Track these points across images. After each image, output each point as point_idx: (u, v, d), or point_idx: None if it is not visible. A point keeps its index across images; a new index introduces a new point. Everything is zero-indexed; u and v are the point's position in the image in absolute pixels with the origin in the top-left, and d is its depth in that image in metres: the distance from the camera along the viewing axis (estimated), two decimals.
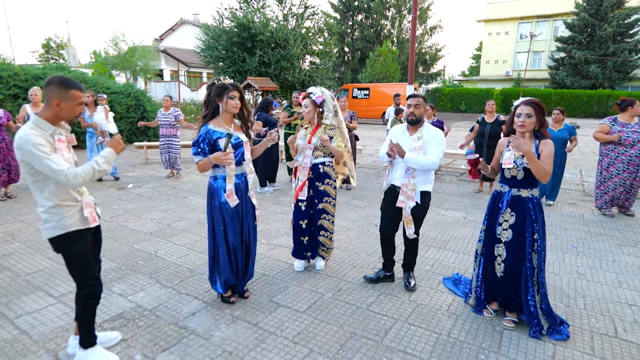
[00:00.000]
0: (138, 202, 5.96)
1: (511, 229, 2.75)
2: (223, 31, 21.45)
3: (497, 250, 2.83)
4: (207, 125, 2.79)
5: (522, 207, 2.71)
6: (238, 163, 2.87)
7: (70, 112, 2.11)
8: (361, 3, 35.72)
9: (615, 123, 5.26)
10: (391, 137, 3.27)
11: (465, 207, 5.84)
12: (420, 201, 3.12)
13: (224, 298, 3.06)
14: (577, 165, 9.38)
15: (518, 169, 2.67)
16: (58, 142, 2.08)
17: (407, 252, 3.37)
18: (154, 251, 4.08)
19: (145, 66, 22.44)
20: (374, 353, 2.49)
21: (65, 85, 2.05)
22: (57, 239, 2.15)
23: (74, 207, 2.17)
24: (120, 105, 11.62)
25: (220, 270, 2.95)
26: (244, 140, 2.88)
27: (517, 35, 36.37)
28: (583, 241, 4.47)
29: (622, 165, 5.20)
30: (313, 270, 3.67)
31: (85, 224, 2.21)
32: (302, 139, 3.45)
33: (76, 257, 2.20)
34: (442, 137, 3.11)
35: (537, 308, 2.67)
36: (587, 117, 26.22)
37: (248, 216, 2.98)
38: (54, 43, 32.58)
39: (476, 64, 48.88)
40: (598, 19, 28.10)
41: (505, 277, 2.81)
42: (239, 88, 2.79)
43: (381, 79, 26.88)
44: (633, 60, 27.75)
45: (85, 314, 2.28)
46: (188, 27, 33.08)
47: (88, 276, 2.25)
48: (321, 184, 3.45)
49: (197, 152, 2.79)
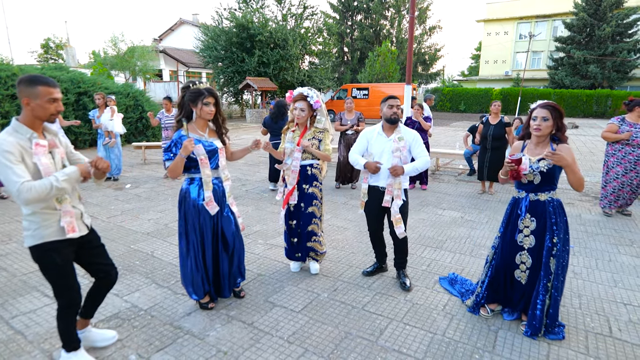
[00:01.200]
0: (135, 202, 5.96)
1: (533, 235, 2.67)
2: (222, 31, 21.46)
3: (521, 257, 2.74)
4: (181, 131, 2.71)
5: (542, 212, 2.63)
6: (212, 169, 2.78)
7: (42, 110, 1.98)
8: (360, 3, 35.72)
9: (624, 123, 5.22)
10: (365, 140, 3.29)
11: (462, 207, 5.84)
12: (405, 198, 3.19)
13: (202, 304, 2.96)
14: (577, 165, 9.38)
15: (534, 174, 2.60)
16: (35, 147, 1.97)
17: (397, 251, 3.38)
18: (151, 251, 4.08)
19: (145, 66, 22.44)
20: (369, 353, 2.49)
21: (32, 82, 1.95)
22: (34, 249, 2.05)
23: (52, 216, 2.05)
24: (119, 105, 11.60)
25: (190, 277, 2.85)
26: (218, 146, 2.80)
27: (516, 35, 36.38)
28: (580, 241, 4.48)
29: (630, 165, 5.17)
30: (309, 271, 3.67)
31: (64, 235, 2.08)
32: (290, 142, 3.34)
33: (52, 268, 2.09)
34: (420, 137, 3.24)
35: (543, 312, 2.61)
36: (586, 116, 26.24)
37: (228, 224, 2.87)
38: (53, 43, 32.58)
39: (475, 63, 48.90)
40: (597, 18, 28.12)
41: (528, 283, 2.72)
42: (214, 94, 2.70)
43: (380, 79, 26.89)
44: (632, 60, 27.76)
45: (63, 323, 2.21)
46: (187, 27, 33.09)
47: (66, 287, 2.15)
48: (309, 187, 3.38)
49: (170, 158, 2.70)
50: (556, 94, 27.18)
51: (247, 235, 4.57)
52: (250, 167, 8.93)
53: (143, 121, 12.49)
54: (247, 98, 25.54)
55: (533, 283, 2.70)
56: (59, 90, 2.04)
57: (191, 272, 2.84)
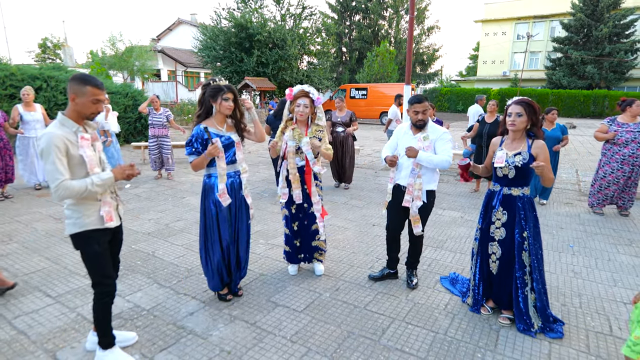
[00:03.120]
0: (135, 202, 5.95)
1: (504, 227, 2.78)
2: (221, 31, 21.45)
3: (492, 248, 2.86)
4: (200, 125, 2.83)
5: (513, 206, 2.74)
6: (230, 162, 2.91)
7: (86, 108, 2.13)
8: (359, 3, 35.76)
9: (613, 123, 5.32)
10: (396, 137, 3.29)
11: (462, 206, 5.87)
12: (426, 200, 3.16)
13: (221, 296, 3.10)
14: (574, 165, 9.43)
15: (510, 168, 2.70)
16: (81, 140, 2.12)
17: (411, 250, 3.39)
18: (152, 251, 4.08)
19: (143, 66, 22.38)
20: (372, 352, 2.51)
21: (83, 81, 2.10)
22: (76, 236, 2.19)
23: (94, 206, 2.20)
24: (118, 105, 11.57)
25: (213, 269, 2.96)
26: (235, 140, 2.92)
27: (514, 35, 36.49)
28: (579, 240, 4.50)
29: (617, 164, 5.28)
30: (311, 270, 3.67)
31: (103, 224, 2.23)
32: (292, 140, 3.26)
33: (92, 255, 2.23)
34: (450, 136, 3.14)
35: (527, 305, 2.69)
36: (583, 117, 26.34)
37: (242, 215, 3.01)
38: (51, 43, 32.48)
39: (473, 64, 49.00)
40: (594, 19, 28.24)
41: (500, 274, 2.84)
42: (233, 90, 2.82)
43: (379, 79, 26.91)
44: (629, 61, 27.90)
45: (100, 312, 2.30)
46: (185, 27, 33.03)
47: (103, 275, 2.27)
48: (314, 185, 3.38)
49: (192, 152, 2.82)
50: (554, 94, 27.28)
51: None
52: (250, 167, 8.94)
53: (142, 121, 12.45)
54: (245, 97, 25.51)
55: (505, 276, 2.81)
56: (104, 93, 2.20)
57: (213, 263, 2.94)
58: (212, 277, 3.00)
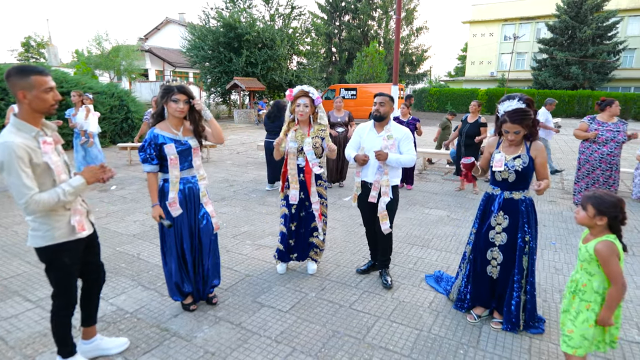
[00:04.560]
0: (121, 204, 5.88)
1: (505, 232, 2.70)
2: (209, 31, 21.29)
3: (492, 254, 2.78)
4: (154, 129, 2.66)
5: (515, 210, 2.66)
6: (187, 168, 2.74)
7: (41, 101, 1.88)
8: (348, 4, 35.83)
9: (593, 122, 5.44)
10: (359, 136, 3.34)
11: (448, 205, 5.93)
12: (392, 195, 3.22)
13: (184, 305, 2.94)
14: (558, 163, 9.59)
15: (510, 172, 2.61)
16: (44, 145, 1.91)
17: (380, 247, 3.42)
18: (137, 253, 4.03)
19: (130, 66, 22.11)
20: (356, 350, 2.52)
21: (23, 72, 1.84)
22: (43, 250, 2.01)
23: (63, 217, 2.02)
24: (104, 105, 11.43)
25: (169, 276, 2.85)
26: (193, 145, 2.74)
27: (501, 36, 37.01)
28: (561, 237, 4.59)
29: (596, 162, 5.40)
30: (298, 270, 3.68)
31: (75, 234, 2.06)
32: (294, 141, 3.25)
33: (60, 269, 2.08)
34: (411, 135, 3.28)
35: (518, 309, 2.66)
36: (568, 116, 26.80)
37: (203, 224, 2.83)
38: (34, 42, 31.84)
39: (462, 64, 49.51)
40: (578, 21, 28.79)
41: (500, 279, 2.78)
42: (185, 91, 2.62)
43: (368, 79, 27.02)
44: (611, 62, 28.51)
45: (60, 324, 2.18)
46: (174, 27, 32.74)
47: (67, 288, 2.12)
48: (315, 185, 3.37)
49: (145, 159, 2.63)
50: (540, 95, 27.71)
51: (235, 236, 4.56)
52: (238, 167, 8.90)
53: (129, 121, 12.31)
54: (234, 98, 25.37)
55: (504, 279, 2.76)
56: (51, 78, 1.94)
57: (171, 272, 2.83)
58: (168, 284, 2.89)
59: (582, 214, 1.99)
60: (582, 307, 2.02)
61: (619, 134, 5.24)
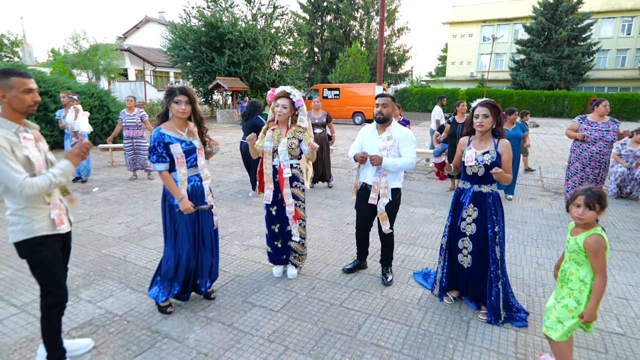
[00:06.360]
0: (104, 206, 5.77)
1: (475, 223, 2.90)
2: (191, 30, 21.02)
3: (463, 243, 2.98)
4: (160, 129, 2.70)
5: (483, 202, 2.86)
6: (191, 166, 2.80)
7: (19, 101, 1.96)
8: (330, 4, 35.94)
9: (584, 121, 5.53)
10: (362, 137, 3.37)
11: (433, 204, 6.04)
12: (391, 198, 3.25)
13: (161, 307, 2.91)
14: (537, 162, 9.88)
15: (479, 166, 2.82)
16: (24, 140, 1.97)
17: (384, 247, 3.47)
18: (123, 256, 3.97)
19: (109, 65, 21.61)
20: (348, 347, 2.56)
21: (5, 74, 1.93)
22: (23, 244, 2.03)
23: (43, 210, 2.06)
24: (83, 106, 11.10)
25: (164, 275, 2.86)
26: (197, 146, 2.80)
27: (480, 37, 37.80)
28: (542, 234, 4.74)
29: (586, 160, 5.50)
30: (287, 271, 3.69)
31: (55, 228, 2.09)
32: (270, 140, 3.25)
33: (43, 263, 2.08)
34: (413, 137, 3.27)
35: (498, 299, 2.81)
36: (545, 116, 27.62)
37: (205, 221, 2.91)
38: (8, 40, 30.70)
39: (442, 65, 50.32)
40: (554, 22, 29.67)
41: (473, 268, 2.95)
42: (187, 92, 2.66)
43: (351, 79, 27.18)
44: (586, 63, 29.49)
45: (49, 324, 2.17)
46: (153, 26, 32.16)
47: (54, 284, 2.13)
48: (290, 187, 3.30)
49: (157, 159, 2.68)
50: (518, 95, 28.46)
51: (223, 236, 4.54)
52: (224, 168, 8.83)
53: (109, 122, 12.06)
54: (217, 98, 25.12)
55: (476, 270, 2.94)
56: (33, 81, 2.02)
57: (169, 269, 2.85)
58: (162, 282, 2.87)
59: (590, 214, 2.06)
60: (566, 294, 2.15)
61: (607, 134, 5.28)
